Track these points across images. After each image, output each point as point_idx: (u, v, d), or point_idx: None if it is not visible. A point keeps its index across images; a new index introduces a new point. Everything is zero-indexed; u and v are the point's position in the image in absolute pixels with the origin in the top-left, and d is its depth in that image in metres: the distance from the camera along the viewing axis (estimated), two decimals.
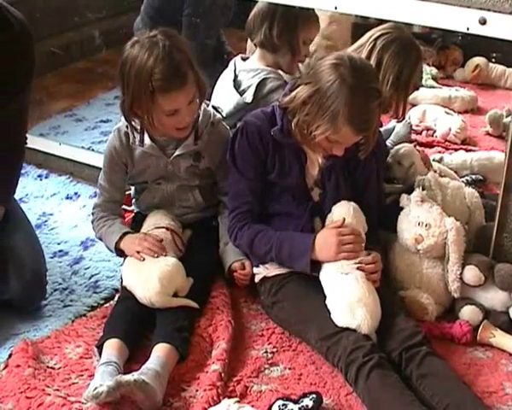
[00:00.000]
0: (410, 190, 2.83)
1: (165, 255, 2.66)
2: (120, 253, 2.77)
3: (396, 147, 3.19)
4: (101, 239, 2.87)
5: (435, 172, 3.05)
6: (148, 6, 4.12)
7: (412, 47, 2.85)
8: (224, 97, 3.14)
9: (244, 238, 2.68)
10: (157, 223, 2.80)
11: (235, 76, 3.22)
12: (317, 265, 2.55)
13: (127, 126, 2.78)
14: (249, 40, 3.48)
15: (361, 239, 2.55)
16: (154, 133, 2.74)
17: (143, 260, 2.64)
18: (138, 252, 2.66)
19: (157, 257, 2.64)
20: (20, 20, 2.65)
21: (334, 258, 2.52)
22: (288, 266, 2.64)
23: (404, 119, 3.05)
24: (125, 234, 2.76)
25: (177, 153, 2.79)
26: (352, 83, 2.43)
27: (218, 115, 2.89)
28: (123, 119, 2.79)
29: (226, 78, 3.25)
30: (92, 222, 2.88)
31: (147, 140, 2.78)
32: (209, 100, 3.07)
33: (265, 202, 2.73)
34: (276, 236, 2.61)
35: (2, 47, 2.58)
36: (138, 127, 2.75)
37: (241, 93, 3.15)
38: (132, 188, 3.00)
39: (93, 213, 2.88)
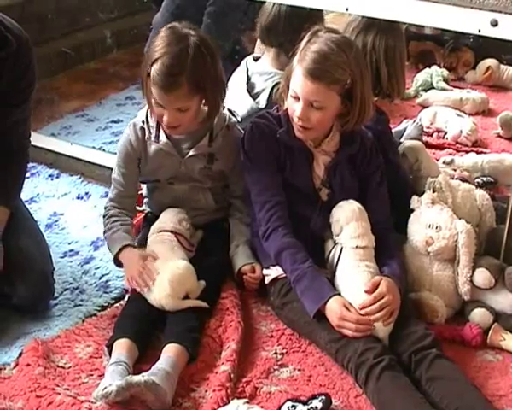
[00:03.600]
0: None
1: (153, 284, 2.59)
2: (119, 264, 2.76)
3: (404, 141, 3.20)
4: (105, 239, 2.86)
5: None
6: (169, 1, 4.12)
7: (390, 23, 2.83)
8: (237, 101, 3.10)
9: (275, 244, 2.62)
10: (162, 226, 2.79)
11: (248, 78, 3.19)
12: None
13: (143, 121, 2.80)
14: (259, 40, 3.43)
15: (365, 327, 2.41)
16: (153, 114, 2.75)
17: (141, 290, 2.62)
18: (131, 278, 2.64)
19: (145, 286, 2.60)
20: (19, 35, 2.65)
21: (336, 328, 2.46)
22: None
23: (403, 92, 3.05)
24: (124, 247, 2.72)
25: (191, 153, 2.80)
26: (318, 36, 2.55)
27: (234, 119, 2.90)
28: (139, 114, 2.82)
29: (238, 79, 3.22)
30: (103, 217, 2.87)
31: (162, 137, 2.79)
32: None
33: None
34: (303, 264, 2.54)
35: (2, 64, 2.61)
36: (155, 123, 2.77)
37: (254, 96, 3.13)
38: (144, 187, 3.01)
39: (105, 208, 2.88)
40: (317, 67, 2.50)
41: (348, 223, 2.61)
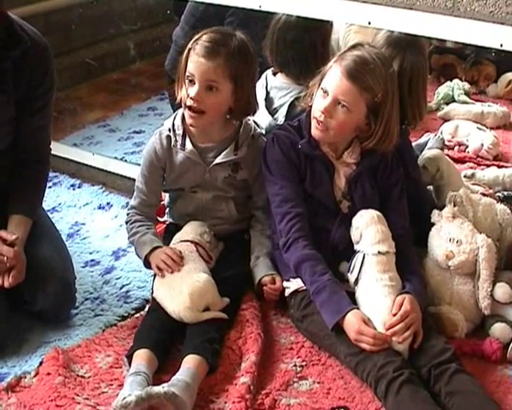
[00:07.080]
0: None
1: (182, 266, 2.65)
2: (149, 265, 2.78)
3: (424, 152, 3.19)
4: (131, 243, 2.88)
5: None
6: (189, 15, 4.11)
7: (405, 39, 2.80)
8: (256, 116, 3.11)
9: (295, 255, 2.61)
10: (183, 237, 2.81)
11: (267, 93, 3.19)
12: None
13: (169, 130, 2.82)
14: None
15: (381, 342, 2.40)
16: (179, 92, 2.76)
17: (163, 276, 2.65)
18: (158, 267, 2.68)
19: (171, 272, 2.64)
20: (38, 41, 2.67)
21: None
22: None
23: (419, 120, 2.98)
24: (155, 248, 2.75)
25: (216, 161, 2.82)
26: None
27: (259, 130, 2.91)
28: (165, 123, 2.85)
29: (258, 94, 3.22)
30: (126, 223, 2.88)
31: (188, 145, 2.80)
32: None
33: None
34: (323, 277, 2.53)
35: (17, 63, 2.63)
36: (181, 132, 2.79)
37: (273, 112, 3.12)
38: (167, 196, 3.01)
39: (127, 214, 2.89)
40: (355, 68, 2.53)
41: (367, 228, 2.60)
